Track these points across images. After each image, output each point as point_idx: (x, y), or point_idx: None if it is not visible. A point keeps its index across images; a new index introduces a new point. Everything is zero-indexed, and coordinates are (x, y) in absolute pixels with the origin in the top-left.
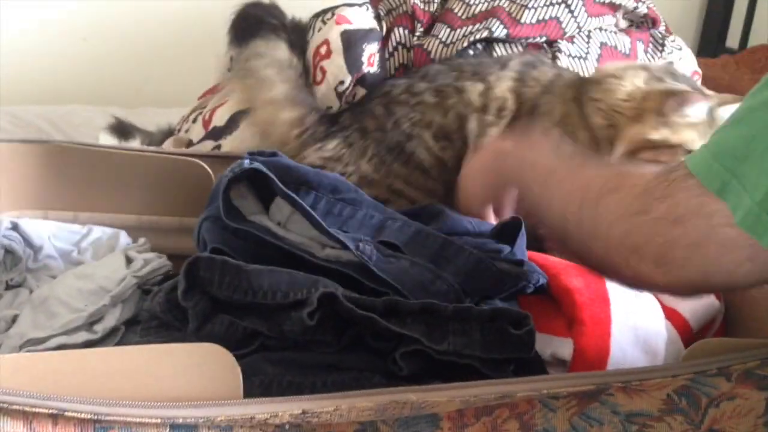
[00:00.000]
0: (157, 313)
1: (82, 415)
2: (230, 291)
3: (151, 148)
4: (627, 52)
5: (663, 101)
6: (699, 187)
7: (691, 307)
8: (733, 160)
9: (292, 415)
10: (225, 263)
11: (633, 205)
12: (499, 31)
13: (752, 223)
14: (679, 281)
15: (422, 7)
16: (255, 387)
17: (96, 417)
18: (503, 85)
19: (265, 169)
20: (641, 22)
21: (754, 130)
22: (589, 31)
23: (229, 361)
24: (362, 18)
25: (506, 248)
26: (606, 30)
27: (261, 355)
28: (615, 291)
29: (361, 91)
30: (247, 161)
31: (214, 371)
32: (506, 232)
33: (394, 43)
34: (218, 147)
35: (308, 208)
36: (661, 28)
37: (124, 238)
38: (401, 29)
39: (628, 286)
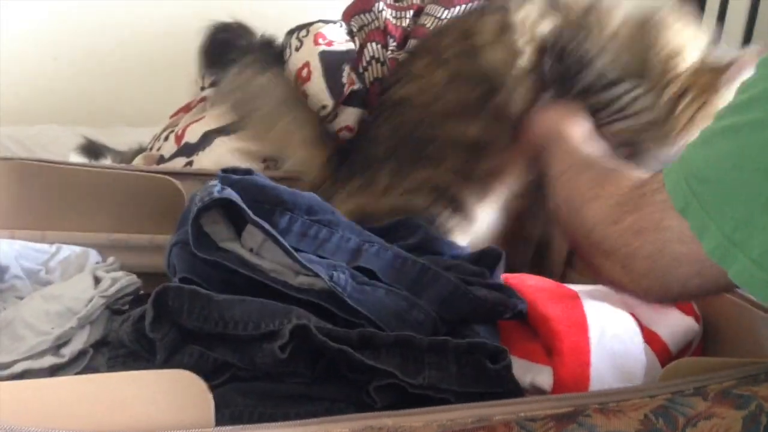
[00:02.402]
0: (125, 342)
1: None
2: (200, 321)
3: (121, 165)
4: None
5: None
6: (665, 202)
7: (671, 331)
8: (695, 181)
9: None
10: (194, 293)
11: (608, 215)
12: None
13: (721, 255)
14: (642, 288)
15: (395, 22)
16: (226, 419)
17: None
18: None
19: (235, 199)
20: None
21: (715, 155)
22: None
23: (201, 388)
24: (339, 36)
25: (485, 272)
26: None
27: (232, 386)
28: (593, 316)
29: (344, 111)
30: (217, 188)
31: (185, 398)
32: (486, 259)
33: (368, 58)
34: (190, 163)
35: (280, 238)
36: None
37: (93, 256)
38: (374, 44)
39: (607, 286)
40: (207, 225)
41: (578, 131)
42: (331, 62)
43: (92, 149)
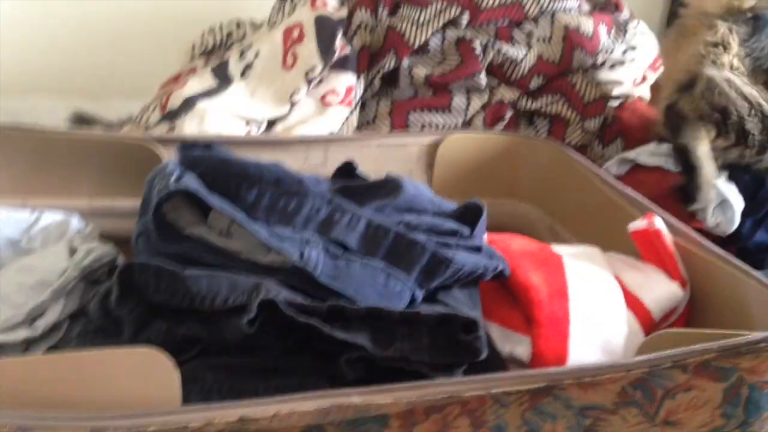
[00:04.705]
0: (92, 318)
1: (6, 428)
2: (167, 296)
3: (100, 131)
4: (590, 34)
5: None
6: None
7: (655, 296)
8: None
9: (229, 423)
10: (160, 268)
11: None
12: (465, 18)
13: None
14: None
15: None
16: (194, 394)
17: (21, 429)
18: None
19: (193, 189)
20: (604, 6)
21: None
22: (553, 13)
23: (166, 365)
24: (334, 2)
25: (466, 230)
26: (569, 12)
27: (201, 360)
28: (575, 283)
29: (331, 75)
30: (174, 177)
31: (151, 376)
32: (468, 214)
33: (356, 24)
34: (172, 129)
35: (245, 221)
36: (625, 13)
37: (75, 222)
38: (363, 10)
39: None
40: (169, 212)
41: None
42: (326, 27)
43: (83, 120)
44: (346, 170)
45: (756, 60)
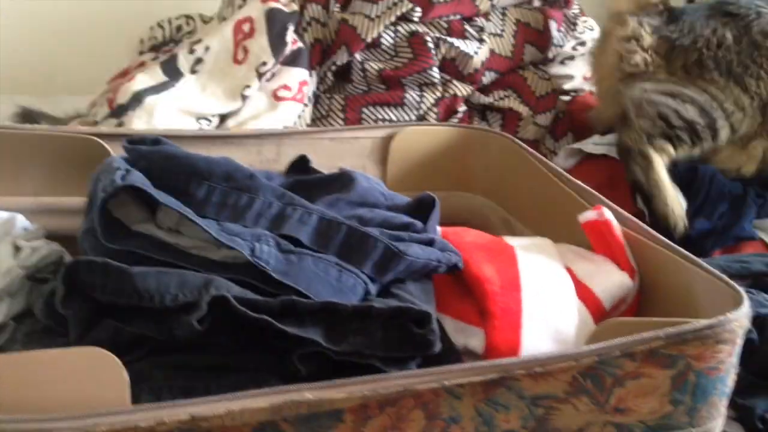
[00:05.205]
0: (39, 318)
1: None
2: (114, 295)
3: (45, 126)
4: (541, 29)
5: None
6: None
7: (605, 286)
8: None
9: (181, 422)
10: (107, 266)
11: None
12: (417, 13)
13: None
14: None
15: None
16: (144, 394)
17: None
18: None
19: (140, 184)
20: (554, 1)
21: None
22: (504, 8)
23: (114, 366)
24: None
25: (418, 224)
26: (520, 7)
27: (151, 359)
28: (527, 274)
29: (283, 70)
30: (120, 174)
31: (98, 376)
32: (421, 207)
33: (308, 19)
34: (120, 124)
35: (194, 217)
36: (575, 8)
37: (20, 221)
38: (315, 4)
39: None
40: (116, 209)
41: None
42: (277, 21)
43: (28, 117)
44: (300, 164)
45: (674, 41)
